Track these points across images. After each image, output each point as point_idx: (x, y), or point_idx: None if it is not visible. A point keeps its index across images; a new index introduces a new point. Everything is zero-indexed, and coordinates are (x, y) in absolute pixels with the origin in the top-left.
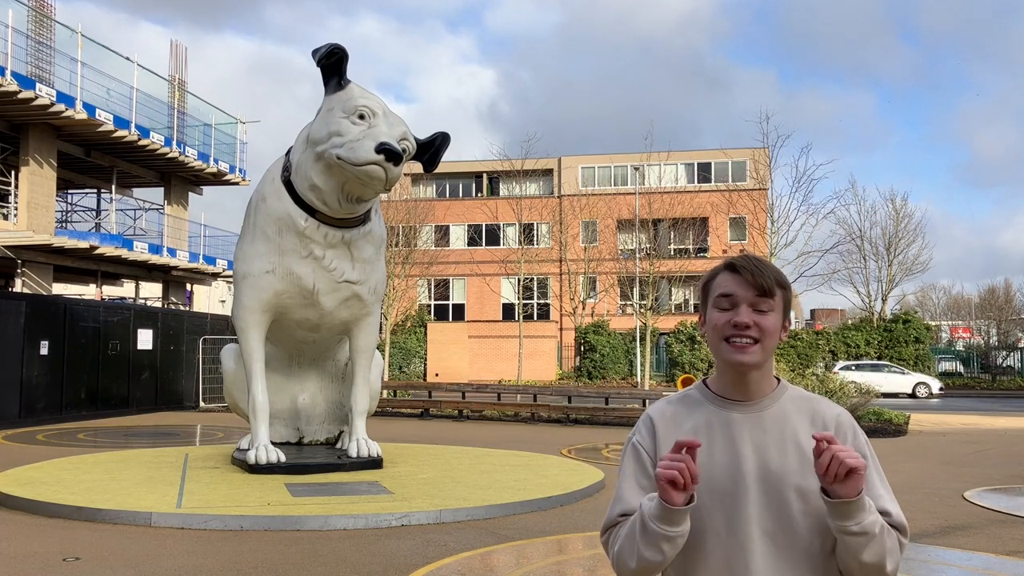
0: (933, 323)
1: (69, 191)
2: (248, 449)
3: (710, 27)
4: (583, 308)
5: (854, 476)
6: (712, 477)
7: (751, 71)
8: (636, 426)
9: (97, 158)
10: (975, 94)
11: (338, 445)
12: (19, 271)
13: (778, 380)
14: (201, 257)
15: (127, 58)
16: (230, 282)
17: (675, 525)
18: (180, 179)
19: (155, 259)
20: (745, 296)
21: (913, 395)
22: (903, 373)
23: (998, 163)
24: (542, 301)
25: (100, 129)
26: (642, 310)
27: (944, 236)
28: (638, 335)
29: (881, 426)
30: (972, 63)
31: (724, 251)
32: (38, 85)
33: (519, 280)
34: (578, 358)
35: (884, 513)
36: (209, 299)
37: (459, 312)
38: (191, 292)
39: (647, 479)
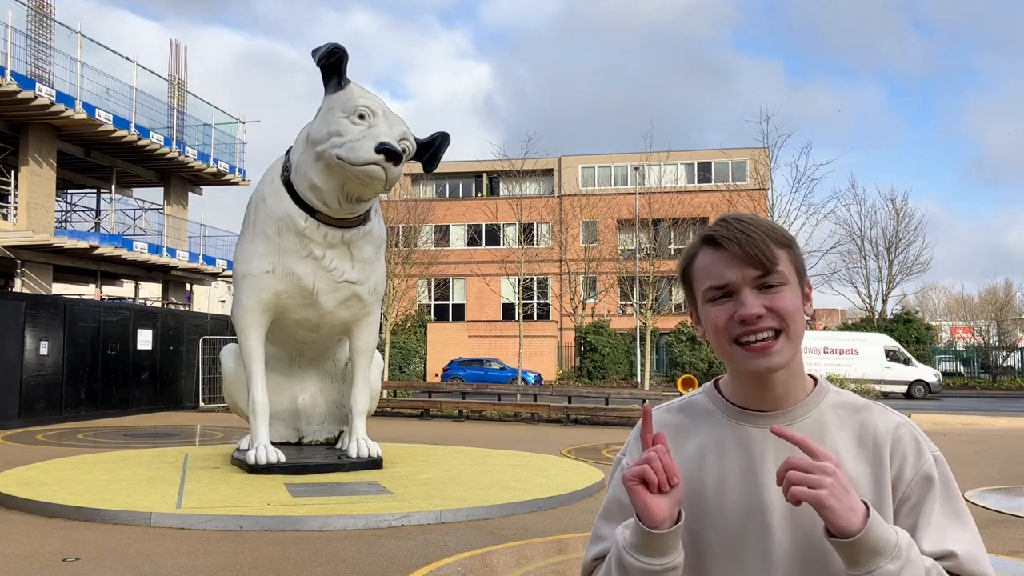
0: (934, 323)
1: (69, 191)
2: (248, 449)
3: (716, 16)
4: (583, 308)
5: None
6: (724, 513)
7: (756, 62)
8: (626, 443)
9: (97, 158)
10: (984, 87)
11: (338, 445)
12: (19, 271)
13: (815, 380)
14: (201, 257)
15: (127, 58)
16: (230, 282)
17: (659, 555)
18: (180, 179)
19: (155, 259)
20: (743, 277)
21: None
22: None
23: (1006, 159)
24: (542, 301)
25: (100, 129)
26: (642, 310)
27: (948, 234)
28: (638, 335)
29: None
30: (981, 56)
31: None
32: (38, 85)
33: (519, 280)
34: (578, 358)
35: (944, 556)
36: (209, 299)
37: (459, 312)
38: (191, 292)
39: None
